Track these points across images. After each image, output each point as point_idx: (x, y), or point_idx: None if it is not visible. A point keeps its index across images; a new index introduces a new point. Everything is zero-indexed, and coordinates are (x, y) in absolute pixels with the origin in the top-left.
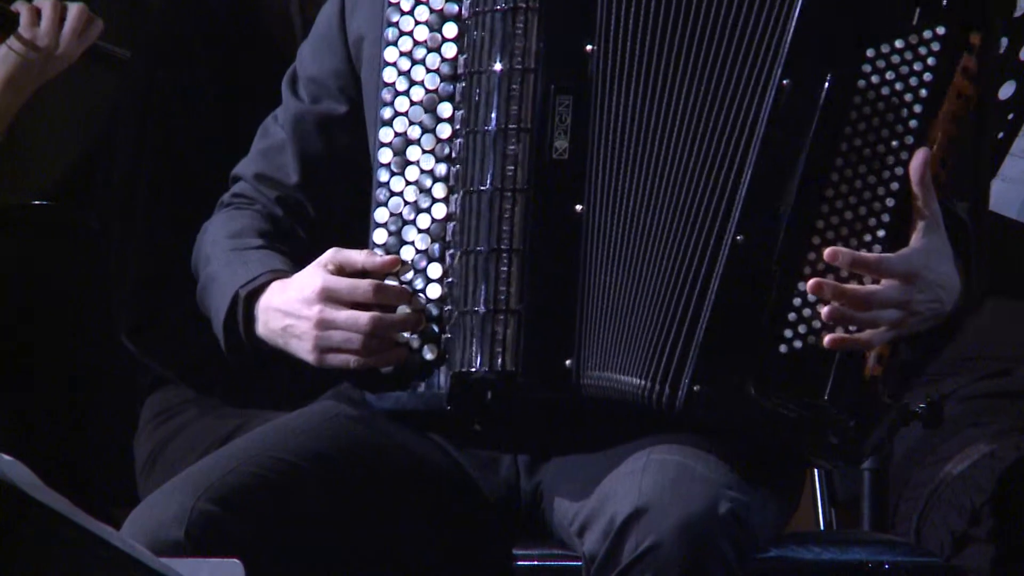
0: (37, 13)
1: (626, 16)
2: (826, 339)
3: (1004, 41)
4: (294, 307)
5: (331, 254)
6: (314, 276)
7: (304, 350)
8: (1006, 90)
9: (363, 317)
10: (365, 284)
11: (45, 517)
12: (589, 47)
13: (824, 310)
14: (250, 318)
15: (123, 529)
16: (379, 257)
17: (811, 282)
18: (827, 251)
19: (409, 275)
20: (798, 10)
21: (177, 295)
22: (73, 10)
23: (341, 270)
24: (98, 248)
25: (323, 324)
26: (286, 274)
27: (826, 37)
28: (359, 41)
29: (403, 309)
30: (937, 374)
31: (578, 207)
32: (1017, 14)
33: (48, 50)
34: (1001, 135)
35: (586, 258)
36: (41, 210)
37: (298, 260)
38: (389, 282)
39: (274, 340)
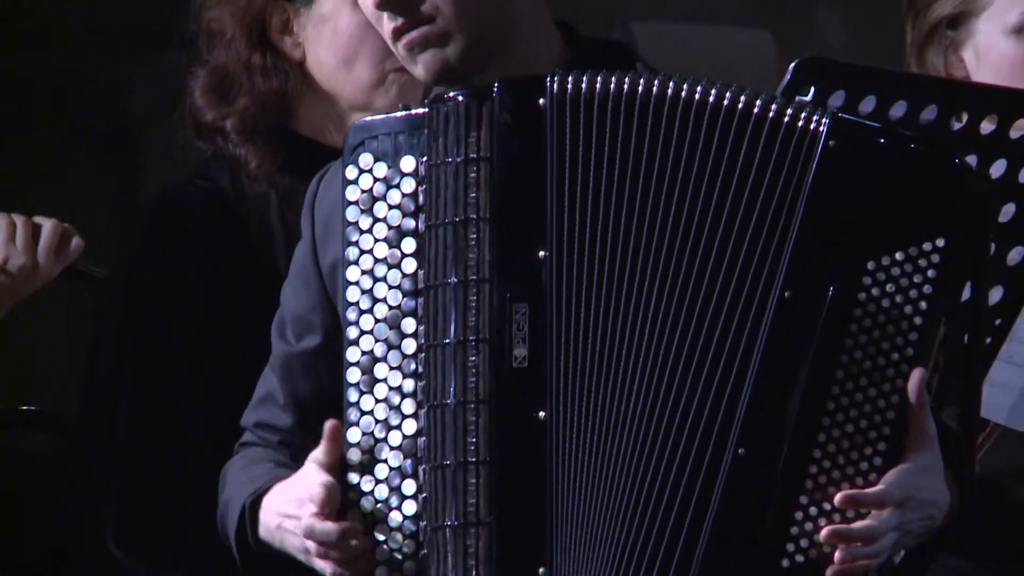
0: (12, 232)
1: (581, 220)
2: (828, 573)
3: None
4: (288, 507)
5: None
6: (311, 478)
7: (293, 548)
8: (994, 295)
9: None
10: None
11: None
12: (542, 253)
13: (836, 555)
14: (256, 522)
15: None
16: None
17: (824, 532)
18: (836, 498)
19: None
20: (798, 221)
21: (163, 507)
22: (46, 226)
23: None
24: (85, 455)
25: (306, 531)
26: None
27: (827, 249)
28: (334, 268)
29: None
30: None
31: (541, 414)
32: (1003, 220)
33: (25, 270)
34: (989, 340)
35: (553, 465)
36: (29, 415)
37: None
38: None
39: (271, 538)
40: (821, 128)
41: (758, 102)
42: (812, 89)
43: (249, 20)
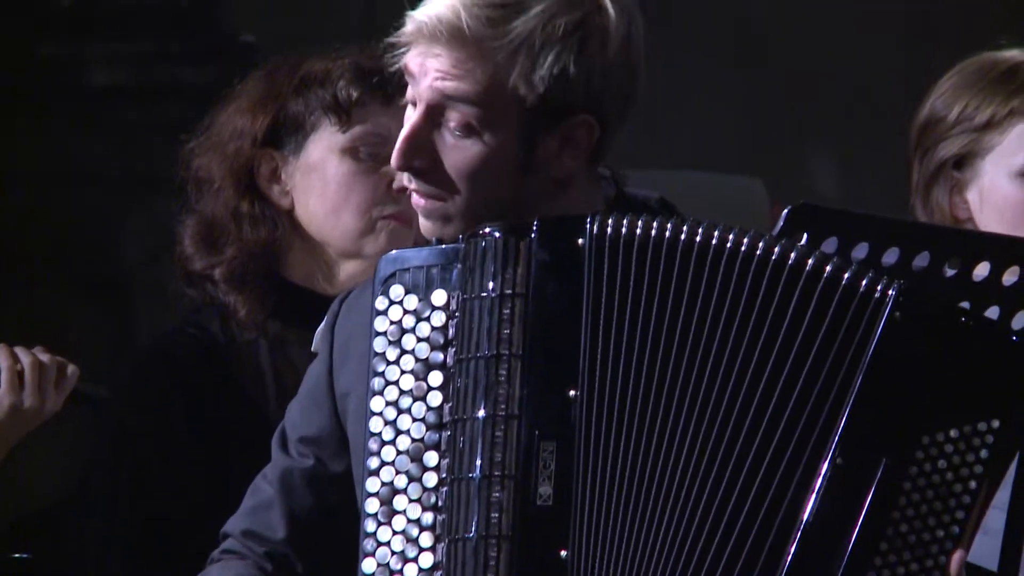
0: (16, 374)
1: (615, 362)
2: None
3: None
4: None
5: None
6: None
7: None
8: None
9: None
10: None
11: None
12: (572, 392)
13: None
14: None
15: None
16: None
17: None
18: None
19: None
20: (857, 389)
21: None
22: (47, 363)
23: None
24: None
25: None
26: None
27: (884, 419)
28: (346, 397)
29: None
30: None
31: (563, 553)
32: None
33: (33, 409)
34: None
35: None
36: (19, 562)
37: None
38: None
39: None
40: (887, 299)
41: (811, 260)
42: (805, 235)
43: (237, 168)
